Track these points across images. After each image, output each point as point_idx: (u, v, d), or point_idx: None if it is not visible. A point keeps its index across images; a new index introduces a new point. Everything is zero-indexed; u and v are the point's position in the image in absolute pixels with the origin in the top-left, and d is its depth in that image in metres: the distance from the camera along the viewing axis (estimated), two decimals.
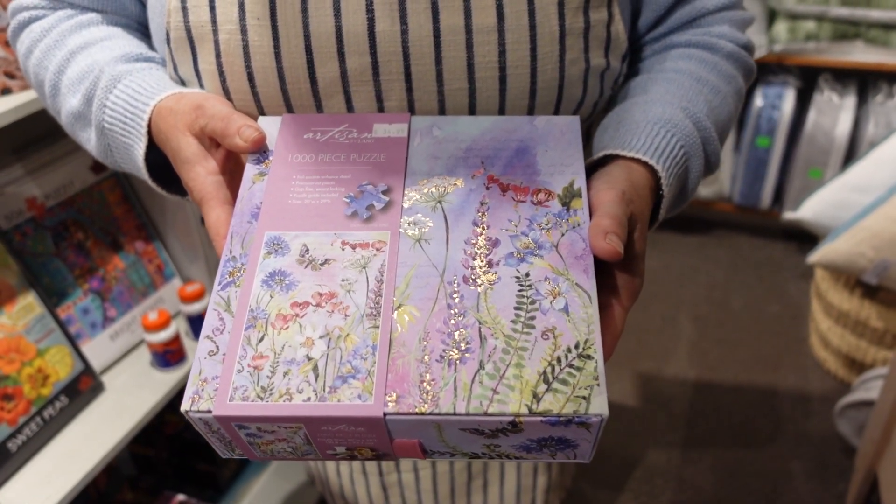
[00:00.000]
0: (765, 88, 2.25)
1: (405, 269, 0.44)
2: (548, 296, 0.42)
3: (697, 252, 2.45)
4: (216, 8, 0.53)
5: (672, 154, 0.53)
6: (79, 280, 1.18)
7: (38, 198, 1.14)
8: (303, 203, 0.48)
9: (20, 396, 1.06)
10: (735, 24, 0.64)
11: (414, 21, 0.51)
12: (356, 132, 0.52)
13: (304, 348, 0.41)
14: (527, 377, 0.39)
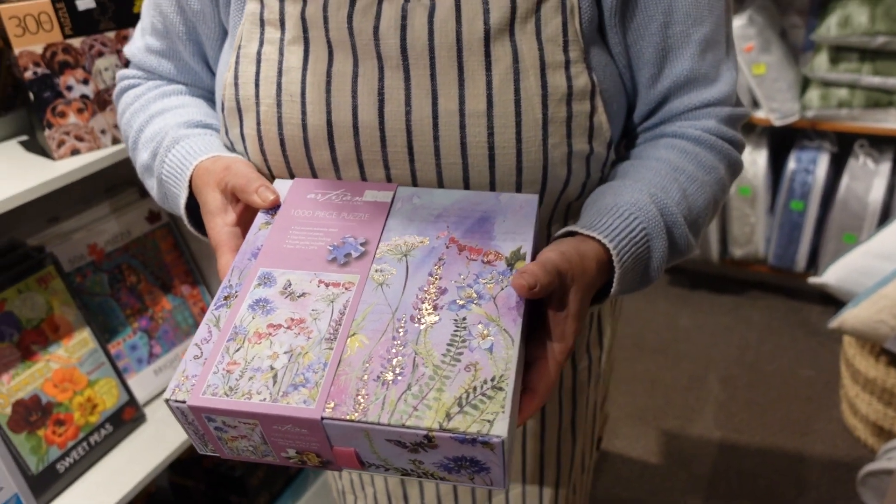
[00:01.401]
0: (798, 153, 2.28)
1: (364, 306, 0.53)
2: (478, 337, 0.51)
3: (731, 312, 2.46)
4: (259, 85, 0.65)
5: (630, 235, 0.60)
6: (129, 319, 1.31)
7: (98, 244, 1.28)
8: (295, 248, 0.58)
9: (70, 422, 1.17)
10: (722, 120, 0.68)
11: (416, 104, 0.61)
12: (350, 195, 0.62)
13: (270, 360, 0.51)
14: (444, 400, 0.47)
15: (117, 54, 1.10)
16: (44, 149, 1.11)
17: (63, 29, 1.04)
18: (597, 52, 0.63)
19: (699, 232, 0.67)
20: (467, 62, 0.60)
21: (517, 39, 0.60)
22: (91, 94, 1.09)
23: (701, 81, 0.67)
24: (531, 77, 0.60)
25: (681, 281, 2.63)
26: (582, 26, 0.61)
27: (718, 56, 0.67)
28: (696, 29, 0.64)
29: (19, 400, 1.11)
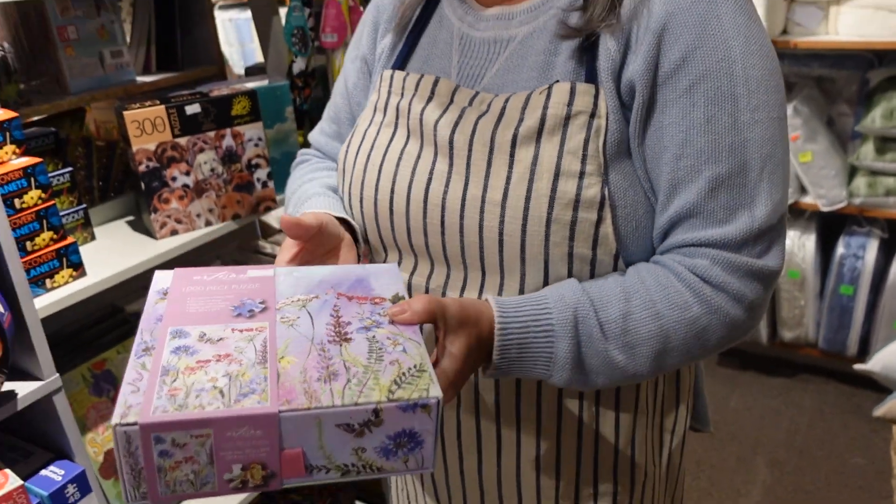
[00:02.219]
0: (848, 238, 2.31)
1: (283, 339, 0.59)
2: (390, 346, 0.60)
3: (782, 395, 2.46)
4: (358, 154, 0.80)
5: (531, 324, 0.65)
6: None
7: None
8: (197, 312, 0.62)
9: None
10: (719, 263, 0.66)
11: (452, 187, 0.71)
12: (234, 275, 0.70)
13: (210, 382, 0.54)
14: (383, 382, 0.56)
15: (215, 150, 1.28)
16: (148, 229, 1.29)
17: (173, 130, 1.22)
18: (621, 170, 0.69)
19: (647, 359, 0.67)
20: (495, 159, 0.69)
21: (541, 146, 0.68)
22: (191, 183, 1.27)
23: (705, 219, 0.67)
24: (544, 180, 0.67)
25: (730, 361, 2.65)
26: (605, 145, 0.68)
27: (737, 200, 0.66)
28: (709, 166, 0.65)
29: (110, 450, 1.26)
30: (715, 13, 0.64)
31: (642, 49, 0.66)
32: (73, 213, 1.21)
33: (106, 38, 1.34)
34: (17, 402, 0.95)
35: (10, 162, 1.03)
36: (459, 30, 0.78)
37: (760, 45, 0.66)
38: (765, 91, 0.66)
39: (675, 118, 0.66)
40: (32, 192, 1.05)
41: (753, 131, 0.65)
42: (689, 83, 0.65)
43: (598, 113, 0.67)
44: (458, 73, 0.77)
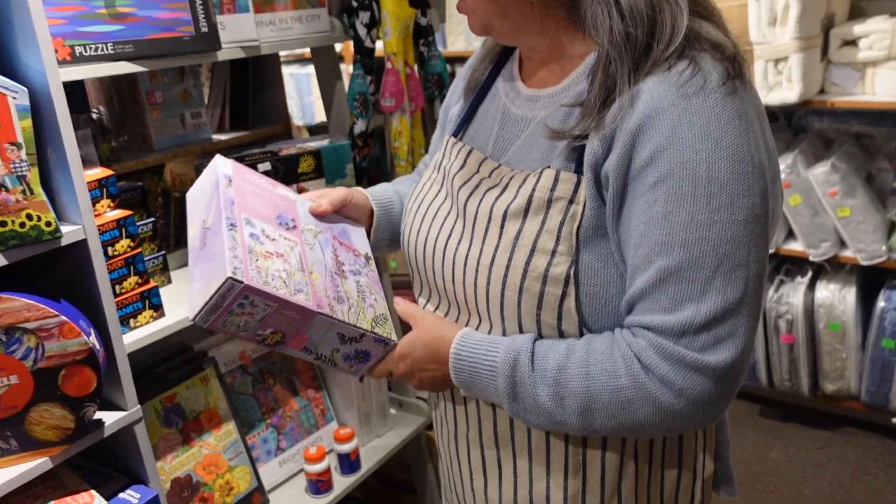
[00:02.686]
0: (889, 292, 2.32)
1: (309, 258, 0.85)
2: (368, 293, 0.89)
3: (824, 448, 2.44)
4: (410, 199, 0.96)
5: (480, 359, 0.80)
6: (265, 416, 1.56)
7: (247, 351, 1.55)
8: (255, 208, 0.86)
9: (211, 501, 1.41)
10: (655, 348, 0.70)
11: (461, 245, 0.83)
12: (270, 186, 0.93)
13: (276, 273, 0.78)
14: (368, 317, 0.85)
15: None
16: None
17: None
18: (594, 251, 0.75)
19: (573, 412, 0.74)
20: (490, 228, 0.80)
21: (525, 223, 0.77)
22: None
23: (651, 305, 0.71)
24: (522, 253, 0.76)
25: (772, 412, 2.64)
26: (580, 228, 0.75)
27: (684, 293, 0.69)
28: (661, 258, 0.69)
29: (176, 478, 1.36)
30: (687, 119, 0.68)
31: (618, 145, 0.71)
32: (153, 259, 1.34)
33: (187, 101, 1.49)
34: (104, 429, 1.06)
35: (106, 214, 1.17)
36: (503, 104, 0.88)
37: (733, 152, 0.68)
38: (729, 194, 0.68)
39: (639, 210, 0.71)
40: (123, 240, 1.17)
41: (711, 230, 0.68)
42: (655, 180, 0.69)
43: (577, 200, 0.75)
44: (494, 142, 0.87)
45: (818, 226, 2.34)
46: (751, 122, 0.71)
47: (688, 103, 0.68)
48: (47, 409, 0.97)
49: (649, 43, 0.71)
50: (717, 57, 0.71)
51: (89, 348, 0.97)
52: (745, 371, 0.73)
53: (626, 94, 0.71)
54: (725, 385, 0.71)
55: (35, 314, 0.93)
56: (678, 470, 0.87)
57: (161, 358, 1.45)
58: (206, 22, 1.21)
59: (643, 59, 0.71)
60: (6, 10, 0.91)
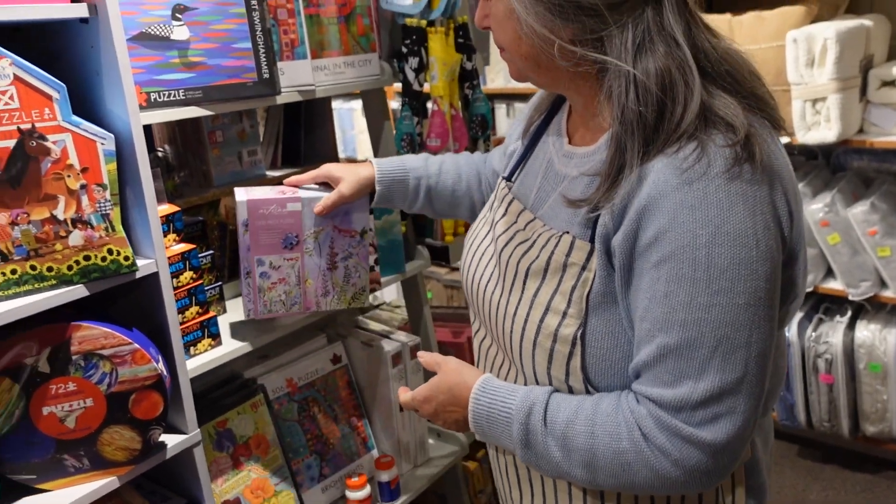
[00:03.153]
0: None
1: (307, 268, 1.25)
2: (354, 271, 1.30)
3: (866, 491, 2.40)
4: (468, 234, 1.06)
5: (497, 405, 0.84)
6: (309, 442, 1.61)
7: (294, 378, 1.61)
8: (266, 244, 1.21)
9: None
10: (655, 420, 0.74)
11: (496, 289, 0.90)
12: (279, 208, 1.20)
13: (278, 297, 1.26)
14: (347, 297, 1.31)
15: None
16: None
17: None
18: (603, 317, 0.78)
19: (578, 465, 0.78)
20: (516, 281, 0.86)
21: (543, 282, 0.82)
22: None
23: (653, 377, 0.74)
24: (538, 310, 0.82)
25: (811, 454, 2.61)
26: (590, 294, 0.78)
27: (682, 370, 0.72)
28: (661, 335, 0.72)
29: (226, 500, 1.41)
30: (688, 204, 0.70)
31: (626, 222, 0.74)
32: (211, 290, 1.41)
33: (245, 140, 1.58)
34: (167, 451, 1.12)
35: (172, 248, 1.24)
36: (549, 155, 0.92)
37: (734, 237, 0.70)
38: (729, 279, 0.70)
39: (644, 286, 0.74)
40: (186, 272, 1.25)
41: (710, 313, 0.70)
42: (658, 259, 0.72)
43: (589, 267, 0.79)
44: (536, 192, 0.91)
45: (858, 265, 2.33)
46: (758, 204, 0.72)
47: (689, 188, 0.70)
48: (118, 430, 1.04)
49: (659, 124, 0.73)
50: (728, 141, 0.72)
51: (158, 374, 1.04)
52: (746, 445, 0.75)
53: (635, 173, 0.73)
54: (721, 459, 0.73)
55: (111, 342, 1.00)
56: None
57: (213, 384, 1.52)
58: (268, 69, 1.29)
59: (652, 139, 0.73)
60: (96, 63, 1.00)
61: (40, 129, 0.92)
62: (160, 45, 1.16)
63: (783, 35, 2.17)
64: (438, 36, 1.50)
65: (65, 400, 1.01)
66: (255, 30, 1.27)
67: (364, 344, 1.69)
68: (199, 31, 1.21)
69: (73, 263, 0.98)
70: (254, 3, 1.26)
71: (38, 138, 0.92)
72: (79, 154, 0.95)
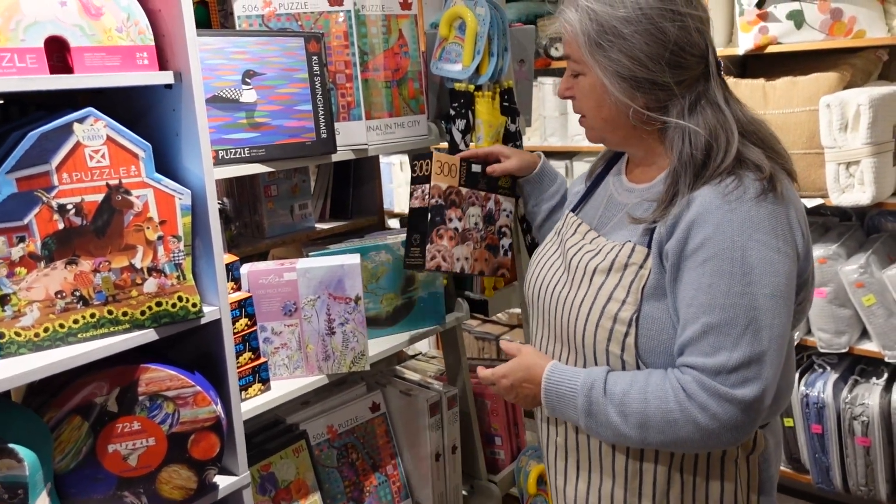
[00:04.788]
0: None
1: (307, 334, 1.40)
2: (352, 337, 1.42)
3: None
4: (537, 252, 1.26)
5: (564, 383, 1.04)
6: (347, 489, 1.64)
7: (334, 426, 1.65)
8: (267, 311, 1.41)
9: None
10: (699, 383, 0.94)
11: (564, 289, 1.11)
12: (276, 278, 1.39)
13: (282, 362, 1.43)
14: (348, 361, 1.45)
15: (481, 207, 1.44)
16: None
17: (461, 178, 1.40)
18: (653, 305, 1.00)
19: (633, 426, 0.97)
20: (584, 279, 1.07)
21: (608, 278, 1.04)
22: (461, 228, 1.41)
23: (697, 350, 0.95)
24: (602, 298, 1.03)
25: None
26: (645, 287, 1.01)
27: (721, 343, 0.93)
28: (705, 316, 0.94)
29: None
30: (728, 218, 0.94)
31: (678, 233, 0.97)
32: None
33: (297, 194, 1.66)
34: (219, 492, 1.17)
35: (230, 296, 1.31)
36: (610, 191, 1.17)
37: (762, 244, 0.94)
38: (758, 274, 0.93)
39: (691, 280, 0.96)
40: (242, 320, 1.31)
41: (743, 299, 0.93)
42: (703, 259, 0.95)
43: (645, 266, 1.02)
44: (598, 218, 1.16)
45: (893, 326, 2.32)
46: (779, 221, 0.96)
47: (729, 206, 0.95)
48: (176, 470, 1.09)
49: (706, 163, 0.99)
50: (757, 176, 0.97)
51: (217, 416, 1.09)
52: (767, 407, 0.95)
53: (686, 198, 0.98)
54: (748, 415, 0.93)
55: (175, 384, 1.06)
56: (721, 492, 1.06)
57: (257, 429, 1.56)
58: (327, 129, 1.38)
59: (701, 174, 0.99)
60: (176, 124, 1.08)
61: (126, 185, 1.00)
62: (230, 107, 1.25)
63: (816, 100, 2.22)
64: (485, 100, 1.58)
65: (129, 438, 1.06)
66: (315, 93, 1.36)
67: (402, 393, 1.73)
68: (266, 94, 1.30)
69: (146, 309, 1.05)
70: (316, 69, 1.35)
71: (123, 193, 1.00)
72: (158, 208, 1.02)
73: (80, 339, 1.02)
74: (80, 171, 0.97)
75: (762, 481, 1.12)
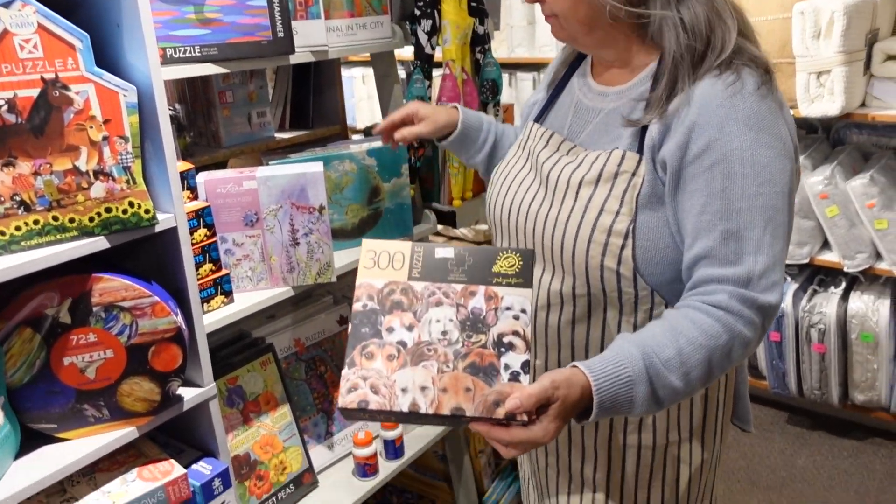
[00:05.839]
0: None
1: (269, 244, 1.35)
2: (317, 248, 1.37)
3: (852, 457, 2.47)
4: (499, 173, 1.17)
5: (615, 378, 0.85)
6: (315, 401, 1.63)
7: (301, 339, 1.63)
8: (228, 221, 1.33)
9: (266, 479, 1.49)
10: (734, 297, 0.88)
11: (542, 206, 1.02)
12: (235, 186, 1.31)
13: (244, 273, 1.39)
14: (313, 273, 1.40)
15: (455, 308, 0.91)
16: None
17: (411, 270, 0.92)
18: (649, 214, 0.95)
19: (697, 380, 0.88)
20: (568, 193, 1.00)
21: (596, 190, 0.97)
22: (410, 342, 0.90)
23: (720, 260, 0.89)
24: (593, 211, 0.96)
25: (800, 420, 2.67)
26: (639, 196, 0.95)
27: (743, 248, 0.88)
28: (723, 223, 0.88)
29: (236, 455, 1.44)
30: (733, 116, 0.88)
31: (676, 137, 0.91)
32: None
33: (254, 101, 1.58)
34: (184, 404, 1.14)
35: (187, 205, 1.25)
36: (576, 96, 1.09)
37: (769, 140, 0.89)
38: (769, 173, 0.89)
39: (699, 186, 0.90)
40: (200, 230, 1.26)
41: (757, 200, 0.88)
42: (711, 163, 0.89)
43: (638, 173, 0.95)
44: (568, 127, 1.08)
45: (854, 237, 2.37)
46: (780, 116, 0.91)
47: (731, 103, 0.89)
48: (137, 382, 1.06)
49: (705, 54, 0.92)
50: (754, 68, 0.91)
51: (177, 327, 1.05)
52: None
53: (685, 93, 0.91)
54: (771, 320, 0.91)
55: (131, 294, 1.02)
56: (704, 404, 1.06)
57: (223, 342, 1.54)
58: (283, 27, 1.29)
59: (699, 66, 0.92)
60: (116, 15, 0.99)
61: (63, 79, 0.92)
62: (176, 0, 1.16)
63: (790, 7, 2.17)
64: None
65: (85, 350, 1.02)
66: None
67: None
68: None
69: (94, 215, 0.99)
70: None
71: (61, 88, 0.92)
72: (101, 105, 0.95)
73: (23, 247, 0.96)
74: (10, 62, 0.88)
75: (737, 384, 1.13)
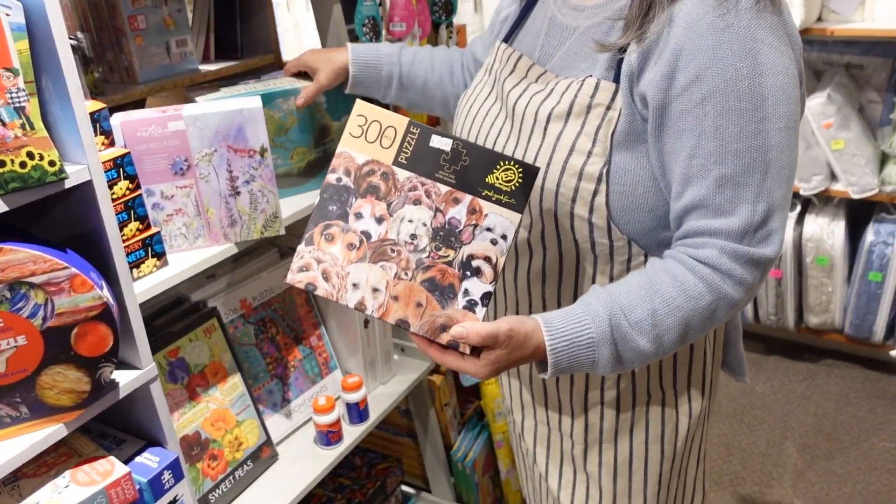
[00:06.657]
0: (877, 225, 2.35)
1: (205, 195, 1.12)
2: (261, 196, 1.12)
3: (807, 380, 2.50)
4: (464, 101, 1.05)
5: (575, 339, 0.79)
6: (269, 367, 1.48)
7: (247, 299, 1.46)
8: (153, 171, 1.12)
9: (221, 458, 1.33)
10: (726, 252, 0.78)
11: (509, 142, 0.92)
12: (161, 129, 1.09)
13: (178, 230, 1.15)
14: (259, 226, 1.16)
15: (433, 211, 0.83)
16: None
17: (399, 153, 0.83)
18: (626, 154, 0.83)
19: (671, 343, 0.81)
20: (535, 129, 0.88)
21: (566, 125, 0.85)
22: (376, 236, 0.84)
23: (713, 210, 0.78)
24: (562, 151, 0.85)
25: (755, 346, 2.69)
26: (615, 133, 0.82)
27: (741, 196, 0.77)
28: (717, 167, 0.77)
29: (185, 436, 1.28)
30: (727, 39, 0.74)
31: (659, 65, 0.77)
32: None
33: (172, 28, 1.34)
34: (120, 390, 0.97)
35: (102, 153, 1.04)
36: (551, 11, 0.95)
37: (770, 66, 0.75)
38: (773, 105, 0.75)
39: (689, 124, 0.77)
40: (122, 182, 1.05)
41: (758, 139, 0.76)
42: (702, 97, 0.76)
43: (614, 107, 0.83)
44: (540, 48, 0.94)
45: (811, 159, 2.32)
46: (782, 34, 0.77)
47: (724, 22, 0.74)
48: (60, 371, 0.87)
49: None
50: None
51: (104, 303, 0.87)
52: None
53: (666, 11, 0.77)
54: (766, 273, 0.81)
55: (42, 267, 0.82)
56: (689, 357, 0.98)
57: (159, 309, 1.35)
58: None
59: None
60: None
61: None
62: None
63: None
64: None
65: None
66: None
67: None
68: None
69: None
70: None
71: None
72: None
73: None
74: None
75: (728, 332, 1.07)
